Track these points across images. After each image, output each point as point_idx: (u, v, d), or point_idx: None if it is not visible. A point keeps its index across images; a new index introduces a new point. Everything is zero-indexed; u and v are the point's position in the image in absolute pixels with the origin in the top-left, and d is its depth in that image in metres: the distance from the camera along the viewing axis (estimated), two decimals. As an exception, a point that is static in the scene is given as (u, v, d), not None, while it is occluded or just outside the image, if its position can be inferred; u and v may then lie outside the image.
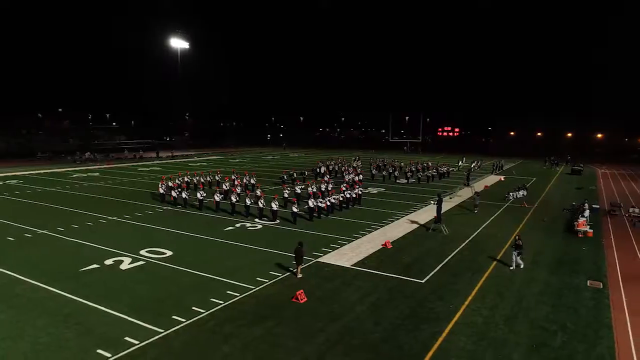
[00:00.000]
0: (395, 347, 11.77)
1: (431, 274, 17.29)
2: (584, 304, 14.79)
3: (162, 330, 12.38)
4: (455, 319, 13.48)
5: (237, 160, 66.95)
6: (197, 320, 13.09)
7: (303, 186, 33.02)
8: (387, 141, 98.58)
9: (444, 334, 12.48)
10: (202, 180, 36.24)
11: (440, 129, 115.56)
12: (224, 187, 32.37)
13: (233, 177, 36.55)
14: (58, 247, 20.27)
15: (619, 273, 18.07)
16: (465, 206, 31.52)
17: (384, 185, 41.11)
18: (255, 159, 69.83)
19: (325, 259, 19.06)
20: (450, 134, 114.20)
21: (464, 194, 36.48)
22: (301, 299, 14.53)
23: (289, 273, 17.14)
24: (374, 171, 46.45)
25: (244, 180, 35.62)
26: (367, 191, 37.02)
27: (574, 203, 30.39)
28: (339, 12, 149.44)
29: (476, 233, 23.94)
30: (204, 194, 29.38)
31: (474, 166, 56.43)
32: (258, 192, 29.56)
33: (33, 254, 19.17)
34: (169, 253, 19.46)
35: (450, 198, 34.83)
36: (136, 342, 11.74)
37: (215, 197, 28.40)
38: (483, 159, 64.50)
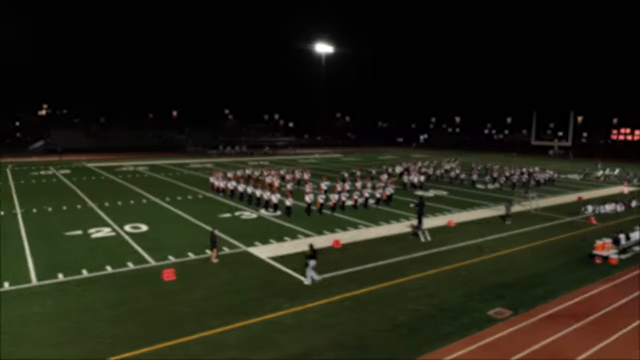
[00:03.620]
0: (159, 328, 12.28)
1: (324, 276, 16.34)
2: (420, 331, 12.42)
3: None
4: (269, 316, 13.05)
5: (349, 159, 68.67)
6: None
7: (328, 182, 33.18)
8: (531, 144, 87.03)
9: (234, 325, 12.39)
10: (241, 174, 38.79)
11: (615, 131, 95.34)
12: (266, 180, 34.76)
13: (300, 172, 39.07)
14: (86, 217, 25.26)
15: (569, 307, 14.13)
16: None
17: (456, 189, 37.78)
18: (369, 158, 70.36)
19: (255, 249, 19.66)
20: (629, 137, 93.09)
21: (532, 203, 30.96)
22: (167, 278, 15.82)
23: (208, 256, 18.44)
24: (452, 174, 42.89)
25: (296, 176, 37.67)
26: (425, 193, 34.82)
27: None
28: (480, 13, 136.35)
29: (462, 244, 20.98)
30: (235, 185, 32.22)
31: (601, 174, 46.59)
32: (289, 187, 31.38)
33: (63, 219, 24.53)
34: (144, 229, 22.71)
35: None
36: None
37: (229, 185, 32.17)
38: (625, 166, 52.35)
